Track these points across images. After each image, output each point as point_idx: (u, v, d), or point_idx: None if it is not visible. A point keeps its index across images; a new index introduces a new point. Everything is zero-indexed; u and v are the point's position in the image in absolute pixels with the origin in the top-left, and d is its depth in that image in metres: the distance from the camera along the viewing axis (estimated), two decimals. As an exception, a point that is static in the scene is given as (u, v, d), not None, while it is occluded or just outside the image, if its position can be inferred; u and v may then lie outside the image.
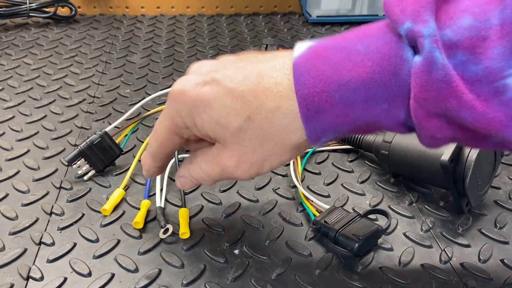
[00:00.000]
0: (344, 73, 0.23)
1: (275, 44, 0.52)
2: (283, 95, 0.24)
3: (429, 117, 0.22)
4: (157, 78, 0.58)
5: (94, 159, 0.39)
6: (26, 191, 0.38)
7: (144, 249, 0.33)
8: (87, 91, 0.54)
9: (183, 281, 0.30)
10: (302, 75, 0.23)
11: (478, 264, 0.32)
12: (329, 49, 0.24)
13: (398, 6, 0.22)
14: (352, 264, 0.32)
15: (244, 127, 0.24)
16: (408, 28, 0.21)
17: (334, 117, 0.24)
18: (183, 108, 0.25)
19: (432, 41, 0.20)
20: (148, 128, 0.48)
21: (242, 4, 0.80)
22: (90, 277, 0.31)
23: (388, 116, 0.23)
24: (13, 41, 0.67)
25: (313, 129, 0.24)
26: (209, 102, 0.24)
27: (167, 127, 0.27)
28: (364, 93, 0.23)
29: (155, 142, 0.29)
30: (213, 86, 0.25)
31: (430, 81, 0.21)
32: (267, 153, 0.25)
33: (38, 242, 0.33)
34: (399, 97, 0.22)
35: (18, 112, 0.50)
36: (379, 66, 0.22)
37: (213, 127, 0.25)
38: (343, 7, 0.75)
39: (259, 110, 0.24)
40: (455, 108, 0.21)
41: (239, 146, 0.25)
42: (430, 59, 0.20)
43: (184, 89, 0.25)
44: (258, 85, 0.24)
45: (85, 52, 0.64)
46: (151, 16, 0.79)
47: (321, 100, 0.23)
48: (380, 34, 0.23)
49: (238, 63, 0.26)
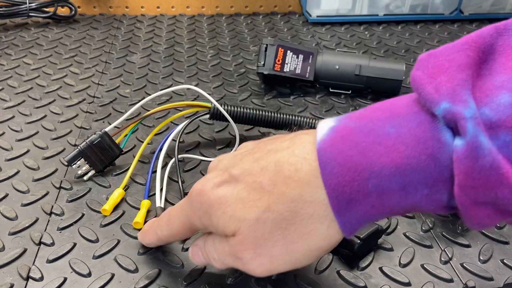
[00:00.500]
0: (374, 159, 0.21)
1: (275, 44, 0.52)
2: (304, 182, 0.22)
3: (477, 206, 0.20)
4: (157, 78, 0.58)
5: (94, 159, 0.39)
6: (26, 191, 0.38)
7: (144, 249, 0.33)
8: (87, 91, 0.54)
9: (183, 281, 0.30)
10: (328, 163, 0.22)
11: (478, 264, 0.32)
12: (355, 132, 0.22)
13: (431, 83, 0.20)
14: (352, 264, 0.32)
15: (264, 218, 0.23)
16: (446, 109, 0.19)
17: (369, 207, 0.22)
18: (200, 207, 0.25)
19: (475, 124, 0.19)
20: (148, 128, 0.48)
21: (242, 4, 0.80)
22: (90, 277, 0.31)
23: (429, 201, 0.21)
24: (13, 41, 0.67)
25: (347, 221, 0.22)
26: (226, 199, 0.24)
27: (182, 223, 0.27)
28: (401, 181, 0.21)
29: (168, 231, 0.28)
30: (230, 184, 0.24)
31: (477, 168, 0.19)
32: (292, 246, 0.23)
33: (38, 242, 0.33)
34: (441, 181, 0.20)
35: (18, 112, 0.50)
36: (414, 150, 0.20)
37: (227, 222, 0.24)
38: (343, 7, 0.75)
39: (280, 200, 0.23)
40: (507, 197, 0.19)
41: (256, 239, 0.23)
42: (476, 144, 0.18)
43: (203, 189, 0.25)
44: (277, 174, 0.23)
45: (85, 52, 0.64)
46: (151, 16, 0.79)
47: (353, 190, 0.21)
48: (410, 113, 0.21)
49: (255, 154, 0.25)
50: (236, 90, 0.55)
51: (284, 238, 0.23)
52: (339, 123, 0.23)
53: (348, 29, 0.74)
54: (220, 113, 0.42)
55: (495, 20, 0.22)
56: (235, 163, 0.25)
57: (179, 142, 0.39)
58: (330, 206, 0.22)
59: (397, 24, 0.76)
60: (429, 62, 0.21)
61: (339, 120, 0.23)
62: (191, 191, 0.26)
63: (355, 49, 0.67)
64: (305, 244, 0.23)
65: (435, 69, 0.21)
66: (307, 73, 0.53)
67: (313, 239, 0.23)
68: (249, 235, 0.23)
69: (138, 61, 0.62)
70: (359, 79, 0.53)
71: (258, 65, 0.52)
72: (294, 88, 0.56)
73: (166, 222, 0.28)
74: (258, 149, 0.25)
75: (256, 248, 0.23)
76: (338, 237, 0.23)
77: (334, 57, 0.53)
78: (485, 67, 0.21)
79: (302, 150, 0.23)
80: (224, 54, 0.65)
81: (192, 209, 0.26)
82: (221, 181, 0.24)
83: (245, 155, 0.25)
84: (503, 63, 0.21)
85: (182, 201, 0.27)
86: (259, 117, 0.43)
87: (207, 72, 0.60)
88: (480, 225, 0.21)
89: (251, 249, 0.23)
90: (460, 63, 0.20)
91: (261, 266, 0.24)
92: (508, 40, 0.21)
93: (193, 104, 0.43)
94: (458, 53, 0.21)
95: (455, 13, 0.76)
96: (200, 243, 0.27)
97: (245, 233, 0.23)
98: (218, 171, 0.25)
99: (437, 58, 0.21)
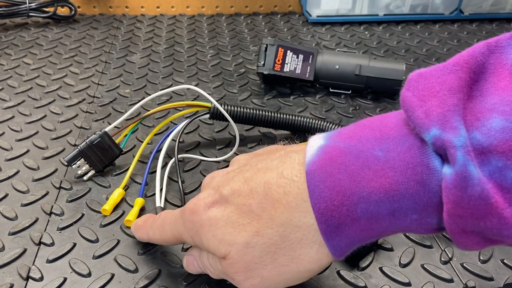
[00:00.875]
0: (364, 184, 0.21)
1: (275, 44, 0.52)
2: (293, 206, 0.22)
3: (466, 234, 0.20)
4: (157, 78, 0.58)
5: (94, 159, 0.39)
6: (25, 191, 0.38)
7: (144, 250, 0.33)
8: (86, 91, 0.54)
9: (183, 282, 0.30)
10: (317, 186, 0.21)
11: (478, 264, 0.32)
12: (344, 154, 0.21)
13: (421, 107, 0.20)
14: (352, 265, 0.32)
15: (253, 243, 0.23)
16: (436, 135, 0.19)
17: (358, 232, 0.22)
18: (192, 227, 0.25)
19: (465, 153, 0.18)
20: (147, 128, 0.48)
21: (242, 3, 0.80)
22: (89, 277, 0.31)
23: (419, 225, 0.21)
24: (13, 41, 0.67)
25: (336, 245, 0.22)
26: (216, 221, 0.24)
27: (174, 235, 0.27)
28: (390, 206, 0.20)
29: (159, 236, 0.29)
30: (221, 206, 0.24)
31: (466, 198, 0.18)
32: (282, 269, 0.23)
33: (37, 242, 0.33)
34: (430, 207, 0.20)
35: (18, 112, 0.50)
36: (403, 175, 0.20)
37: (217, 245, 0.24)
38: (343, 7, 0.75)
39: (269, 224, 0.23)
40: (496, 227, 0.19)
41: (246, 263, 0.23)
42: (464, 173, 0.18)
43: (195, 209, 0.25)
44: (266, 197, 0.23)
45: (84, 52, 0.64)
46: (151, 16, 0.79)
47: (341, 215, 0.21)
48: (400, 135, 0.21)
49: (246, 173, 0.25)
50: (236, 90, 0.55)
51: (273, 262, 0.23)
52: (328, 142, 0.22)
53: (348, 29, 0.74)
54: (220, 113, 0.42)
55: (495, 20, 0.22)
56: (226, 182, 0.25)
57: (179, 142, 0.39)
58: (319, 231, 0.22)
59: (397, 24, 0.76)
60: (420, 83, 0.21)
61: (328, 138, 0.23)
62: (185, 209, 0.26)
63: (355, 49, 0.67)
64: (294, 267, 0.23)
65: (425, 92, 0.20)
66: (307, 73, 0.53)
67: (303, 263, 0.23)
68: (239, 259, 0.24)
69: (138, 61, 0.62)
70: (359, 79, 0.53)
71: (258, 65, 0.52)
72: (294, 88, 0.56)
73: (159, 228, 0.29)
74: (249, 167, 0.25)
75: (246, 271, 0.24)
76: (328, 259, 0.23)
77: (334, 57, 0.53)
78: (477, 88, 0.20)
79: (291, 172, 0.23)
80: (224, 54, 0.65)
81: (184, 227, 0.26)
82: (212, 202, 0.25)
83: (237, 173, 0.25)
84: (494, 83, 0.20)
85: (177, 213, 0.27)
86: (259, 117, 0.43)
87: (207, 72, 0.60)
88: (470, 249, 0.21)
89: (242, 272, 0.24)
90: (451, 86, 0.20)
91: (253, 286, 0.24)
92: (499, 58, 0.21)
93: (193, 104, 0.43)
94: (449, 75, 0.20)
95: (455, 13, 0.76)
96: (195, 253, 0.28)
97: (235, 257, 0.24)
98: (210, 190, 0.25)
99: (427, 79, 0.21)
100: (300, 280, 0.24)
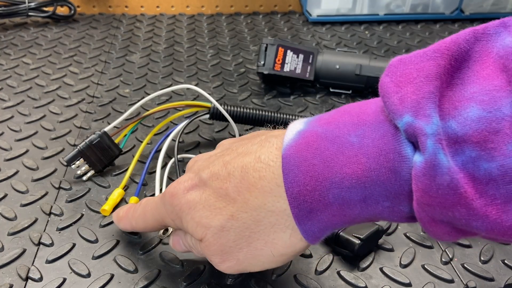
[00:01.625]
0: (337, 169, 0.20)
1: (275, 43, 0.52)
2: (267, 190, 0.22)
3: (435, 223, 0.20)
4: (157, 77, 0.58)
5: (93, 159, 0.39)
6: (25, 191, 0.38)
7: (144, 250, 0.32)
8: (86, 91, 0.54)
9: (182, 282, 0.30)
10: (291, 170, 0.21)
11: (479, 264, 0.32)
12: (320, 139, 0.21)
13: (396, 93, 0.20)
14: (352, 265, 0.32)
15: (228, 226, 0.23)
16: (408, 122, 0.19)
17: (330, 217, 0.22)
18: (172, 210, 0.26)
19: (435, 141, 0.18)
20: (147, 128, 0.47)
21: (242, 3, 0.80)
22: (89, 278, 0.30)
23: (392, 212, 0.21)
24: (12, 40, 0.67)
25: (308, 230, 0.22)
26: (194, 205, 0.24)
27: (156, 220, 0.28)
28: (361, 192, 0.20)
29: (143, 224, 0.30)
30: (199, 189, 0.25)
31: (434, 186, 0.18)
32: (257, 252, 0.24)
33: (37, 243, 0.33)
34: (402, 195, 0.20)
35: (17, 112, 0.49)
36: (375, 162, 0.20)
37: (195, 228, 0.25)
38: (343, 6, 0.75)
39: (243, 208, 0.23)
40: (465, 217, 0.18)
41: (222, 246, 0.24)
42: (434, 162, 0.18)
43: (174, 192, 0.25)
44: (242, 181, 0.23)
45: (84, 52, 0.64)
46: (151, 15, 0.78)
47: (314, 200, 0.21)
48: (376, 122, 0.21)
49: (226, 157, 0.25)
50: (236, 90, 0.55)
51: (248, 246, 0.24)
52: (307, 127, 0.22)
53: (349, 29, 0.74)
54: (220, 113, 0.42)
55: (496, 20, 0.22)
56: (207, 166, 0.25)
57: (178, 142, 0.39)
58: (291, 216, 0.22)
59: (397, 24, 0.76)
60: (398, 69, 0.20)
61: (308, 123, 0.23)
62: (165, 193, 0.26)
63: (356, 48, 0.67)
64: (269, 251, 0.24)
65: (403, 78, 0.20)
66: (307, 73, 0.53)
67: (276, 247, 0.23)
68: (215, 242, 0.24)
69: (137, 61, 0.62)
70: (359, 78, 0.53)
71: (258, 65, 0.52)
72: (294, 88, 0.56)
73: (141, 216, 0.29)
74: (230, 151, 0.25)
75: (222, 254, 0.24)
76: (301, 244, 0.23)
77: (335, 57, 0.53)
78: (458, 76, 0.20)
79: (268, 156, 0.23)
80: (224, 54, 0.65)
81: (165, 210, 0.26)
82: (191, 185, 0.25)
83: (218, 156, 0.26)
84: (477, 72, 0.20)
85: (157, 199, 0.28)
86: (259, 117, 0.43)
87: (207, 71, 0.59)
88: (442, 239, 0.21)
89: (218, 255, 0.25)
90: (429, 73, 0.19)
91: (229, 268, 0.25)
92: (485, 46, 0.20)
93: (193, 104, 0.43)
94: (428, 61, 0.20)
95: (456, 13, 0.76)
96: (181, 233, 0.28)
97: (210, 240, 0.24)
98: (191, 174, 0.26)
99: (406, 65, 0.20)
100: (276, 263, 0.24)
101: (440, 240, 0.22)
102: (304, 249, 0.24)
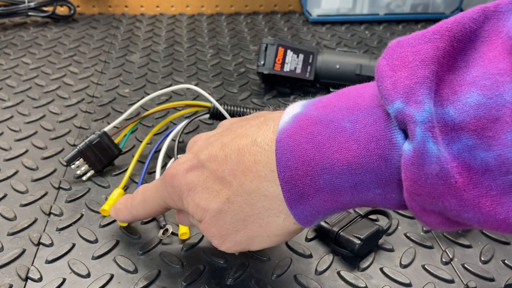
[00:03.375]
0: (328, 155, 0.20)
1: (275, 43, 0.52)
2: (261, 175, 0.22)
3: (426, 212, 0.19)
4: (157, 77, 0.58)
5: (93, 159, 0.39)
6: (24, 192, 0.38)
7: (144, 250, 0.32)
8: (86, 90, 0.54)
9: (182, 282, 0.30)
10: (284, 155, 0.21)
11: (479, 265, 0.32)
12: (314, 123, 0.21)
13: (390, 78, 0.19)
14: (352, 265, 0.32)
15: (224, 209, 0.24)
16: (398, 109, 0.18)
17: (322, 202, 0.21)
18: (173, 191, 0.26)
19: (424, 129, 0.17)
20: (147, 128, 0.47)
21: (242, 3, 0.80)
22: (89, 278, 0.30)
23: (383, 199, 0.21)
24: (12, 40, 0.67)
25: (300, 214, 0.22)
26: (194, 186, 0.25)
27: (159, 204, 0.28)
28: (351, 179, 0.20)
29: (143, 211, 0.29)
30: (198, 170, 0.25)
31: (423, 176, 0.17)
32: (253, 234, 0.24)
33: (36, 243, 0.33)
34: (393, 183, 0.19)
35: (17, 112, 0.49)
36: (366, 149, 0.19)
37: (194, 210, 0.25)
38: (343, 6, 0.75)
39: (239, 192, 0.23)
40: (455, 208, 0.18)
41: (219, 228, 0.25)
42: (422, 150, 0.17)
43: (174, 173, 0.26)
44: (238, 164, 0.23)
45: (84, 52, 0.64)
46: (151, 15, 0.78)
47: (305, 185, 0.21)
48: (370, 107, 0.20)
49: (225, 138, 0.25)
50: (236, 90, 0.55)
51: (245, 228, 0.24)
52: (303, 110, 0.22)
53: (349, 29, 0.74)
54: (220, 113, 0.42)
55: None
56: (205, 147, 0.25)
57: (178, 142, 0.39)
58: (284, 201, 0.22)
59: (398, 24, 0.75)
60: (395, 52, 0.19)
61: (305, 106, 0.23)
62: (165, 174, 0.26)
63: (356, 48, 0.67)
64: (264, 233, 0.24)
65: (398, 61, 0.19)
66: (308, 72, 0.53)
67: (271, 230, 0.24)
68: (213, 224, 0.25)
69: (137, 61, 0.62)
70: (359, 78, 0.52)
71: (258, 65, 0.52)
72: (294, 88, 0.56)
73: (141, 203, 0.29)
74: (229, 132, 0.25)
75: (221, 236, 0.25)
76: (295, 227, 0.24)
77: (335, 57, 0.53)
78: (462, 58, 0.19)
79: (263, 140, 0.23)
80: (224, 54, 0.64)
81: (166, 192, 0.27)
82: (190, 166, 0.25)
83: (217, 137, 0.26)
84: (483, 53, 0.18)
85: (156, 183, 0.28)
86: (259, 116, 0.43)
87: (207, 71, 0.59)
88: (436, 229, 0.20)
89: (217, 236, 0.25)
90: (425, 56, 0.18)
91: (229, 249, 0.26)
92: (496, 24, 0.19)
93: (193, 103, 0.42)
94: (425, 44, 0.18)
95: (456, 12, 0.76)
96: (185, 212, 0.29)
97: (208, 222, 0.25)
98: (190, 155, 0.26)
99: (403, 48, 0.19)
100: (273, 243, 0.25)
101: (435, 229, 0.21)
102: (299, 230, 0.24)
